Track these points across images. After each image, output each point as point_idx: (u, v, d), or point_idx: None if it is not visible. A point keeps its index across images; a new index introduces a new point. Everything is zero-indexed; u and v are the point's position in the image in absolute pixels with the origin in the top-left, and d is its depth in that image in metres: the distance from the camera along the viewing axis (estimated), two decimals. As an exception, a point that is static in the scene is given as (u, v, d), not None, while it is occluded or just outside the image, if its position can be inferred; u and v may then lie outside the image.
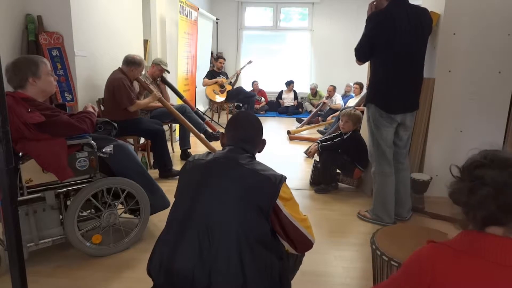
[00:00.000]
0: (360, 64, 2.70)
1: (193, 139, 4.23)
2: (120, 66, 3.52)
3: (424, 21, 2.50)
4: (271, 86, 9.07)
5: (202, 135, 3.99)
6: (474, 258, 0.88)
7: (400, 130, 2.66)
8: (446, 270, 0.90)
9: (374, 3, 2.52)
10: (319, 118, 7.09)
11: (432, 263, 0.92)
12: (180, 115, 3.86)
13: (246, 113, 1.55)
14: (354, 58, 2.64)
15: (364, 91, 6.29)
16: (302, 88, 8.90)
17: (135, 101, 3.49)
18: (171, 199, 1.54)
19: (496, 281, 0.86)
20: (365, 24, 2.51)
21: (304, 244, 1.37)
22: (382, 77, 2.53)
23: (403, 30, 2.39)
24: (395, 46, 2.42)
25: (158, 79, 4.30)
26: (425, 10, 2.55)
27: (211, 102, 7.32)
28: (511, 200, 0.87)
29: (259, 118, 1.56)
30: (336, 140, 3.49)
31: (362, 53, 2.55)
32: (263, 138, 1.52)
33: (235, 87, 7.45)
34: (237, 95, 7.30)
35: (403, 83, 2.50)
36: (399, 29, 2.38)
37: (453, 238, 0.96)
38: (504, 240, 0.89)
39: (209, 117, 5.45)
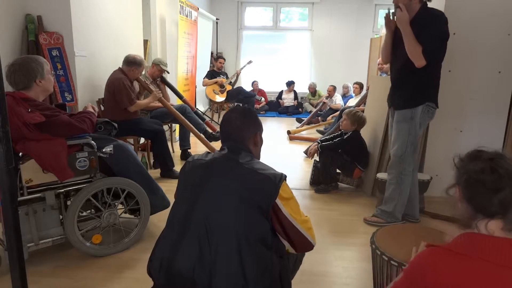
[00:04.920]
0: (421, 67, 2.43)
1: (193, 139, 4.23)
2: (120, 66, 3.52)
3: None
4: (271, 86, 9.08)
5: (202, 135, 3.99)
6: (474, 260, 0.88)
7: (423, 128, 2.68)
8: (447, 273, 0.90)
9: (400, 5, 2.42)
10: (319, 118, 7.09)
11: (433, 267, 0.92)
12: (180, 115, 3.86)
13: (229, 111, 1.51)
14: (353, 58, 2.63)
15: (364, 91, 6.30)
16: (302, 88, 8.90)
17: (135, 101, 3.49)
18: (171, 199, 1.54)
19: (498, 282, 0.86)
20: (435, 20, 2.39)
21: (304, 245, 1.37)
22: (437, 75, 2.51)
23: None
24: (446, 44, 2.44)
25: (158, 79, 4.30)
26: None
27: (211, 102, 7.32)
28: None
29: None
30: (336, 140, 3.49)
31: (435, 54, 2.42)
32: (253, 132, 1.46)
33: (235, 87, 7.45)
34: (237, 95, 7.30)
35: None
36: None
37: (452, 240, 0.96)
38: (505, 241, 0.89)
39: (209, 117, 5.45)
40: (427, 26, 2.37)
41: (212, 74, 7.10)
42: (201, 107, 7.23)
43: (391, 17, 2.57)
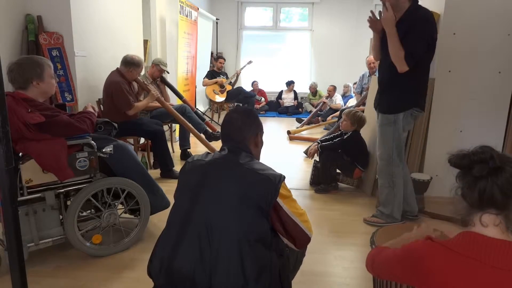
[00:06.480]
0: (403, 72, 2.34)
1: (193, 139, 4.23)
2: (118, 67, 3.50)
3: None
4: (271, 86, 9.08)
5: (202, 135, 3.99)
6: (471, 260, 0.88)
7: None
8: (441, 269, 0.90)
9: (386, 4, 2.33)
10: (319, 118, 7.09)
11: (426, 260, 0.93)
12: (179, 115, 3.85)
13: (230, 112, 1.52)
14: (353, 58, 2.61)
15: (364, 91, 6.29)
16: (302, 88, 8.91)
17: (133, 105, 3.46)
18: (171, 199, 1.54)
19: (493, 285, 0.85)
20: (422, 24, 2.28)
21: (302, 239, 1.37)
22: (424, 78, 2.47)
23: None
24: (434, 47, 2.37)
25: (158, 79, 4.30)
26: None
27: (211, 102, 7.32)
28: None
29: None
30: (336, 140, 3.49)
31: (419, 57, 2.29)
32: (254, 133, 1.47)
33: (235, 87, 7.45)
34: (237, 95, 7.31)
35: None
36: None
37: (451, 238, 0.96)
38: (502, 243, 0.89)
39: (209, 117, 5.45)
40: (413, 28, 2.27)
41: (212, 74, 7.11)
42: (201, 107, 7.23)
43: (377, 17, 2.53)
